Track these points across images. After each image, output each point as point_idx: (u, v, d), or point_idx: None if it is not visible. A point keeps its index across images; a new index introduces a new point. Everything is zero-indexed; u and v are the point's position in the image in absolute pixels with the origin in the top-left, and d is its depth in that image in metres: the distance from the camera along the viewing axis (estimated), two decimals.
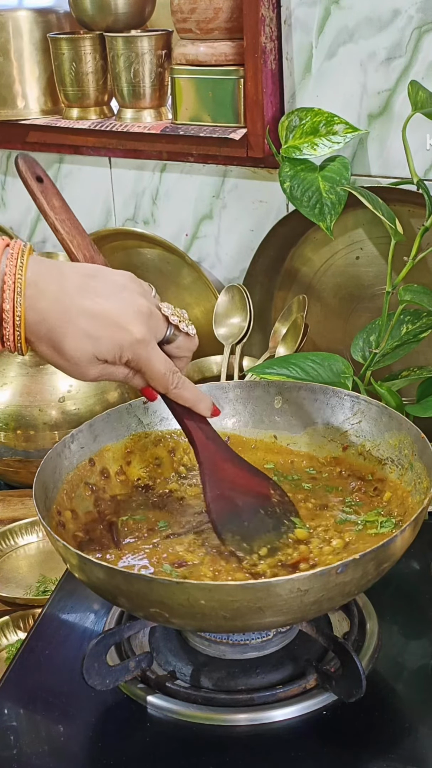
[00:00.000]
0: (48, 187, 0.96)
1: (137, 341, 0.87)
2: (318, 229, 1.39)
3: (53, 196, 0.96)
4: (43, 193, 0.95)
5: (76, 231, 0.96)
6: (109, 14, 1.49)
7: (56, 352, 0.86)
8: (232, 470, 0.99)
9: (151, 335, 0.89)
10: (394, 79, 1.32)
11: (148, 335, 0.88)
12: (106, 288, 0.87)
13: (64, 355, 0.86)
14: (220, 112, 1.42)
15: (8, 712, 0.95)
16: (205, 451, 0.98)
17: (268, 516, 0.98)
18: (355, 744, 0.89)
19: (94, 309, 0.86)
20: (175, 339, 0.92)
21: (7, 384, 1.44)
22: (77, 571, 0.89)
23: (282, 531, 0.97)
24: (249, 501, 0.98)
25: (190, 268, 1.55)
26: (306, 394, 1.13)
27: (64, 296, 0.85)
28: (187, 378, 0.95)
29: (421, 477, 0.99)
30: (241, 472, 1.00)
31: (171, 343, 0.92)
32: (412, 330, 1.28)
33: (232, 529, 0.96)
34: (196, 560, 0.94)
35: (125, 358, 0.88)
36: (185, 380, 0.94)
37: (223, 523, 0.96)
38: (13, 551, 1.36)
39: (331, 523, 0.99)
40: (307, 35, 1.36)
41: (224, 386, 1.15)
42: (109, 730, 0.92)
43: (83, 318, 0.85)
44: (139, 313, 0.87)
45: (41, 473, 0.98)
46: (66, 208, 0.97)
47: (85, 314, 0.85)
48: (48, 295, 0.84)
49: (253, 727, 0.91)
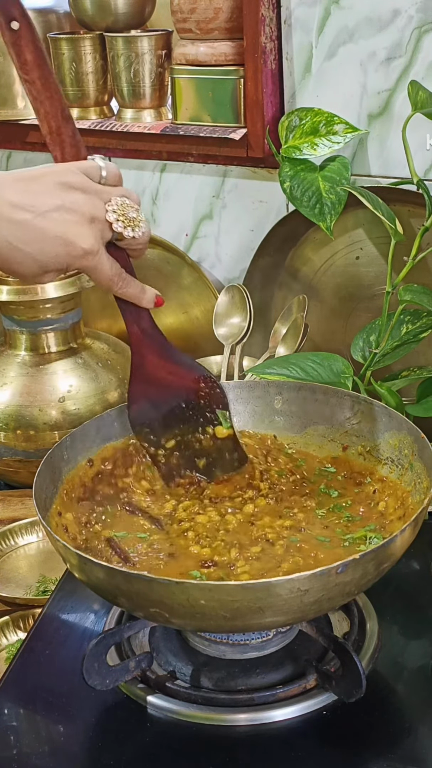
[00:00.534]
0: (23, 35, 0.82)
1: (84, 253, 0.86)
2: (318, 229, 1.39)
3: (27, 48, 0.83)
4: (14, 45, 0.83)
5: (45, 95, 0.85)
6: (109, 14, 1.49)
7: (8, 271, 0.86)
8: (161, 364, 0.99)
9: (98, 243, 0.87)
10: (394, 79, 1.32)
11: (94, 245, 0.87)
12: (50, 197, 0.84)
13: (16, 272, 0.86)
14: (220, 112, 1.42)
15: (8, 712, 0.95)
16: (137, 344, 0.98)
17: (189, 409, 0.99)
18: (355, 744, 0.89)
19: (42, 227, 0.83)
20: (123, 238, 0.91)
21: (7, 384, 1.44)
22: (77, 571, 0.89)
23: (200, 423, 0.98)
24: (170, 394, 0.99)
25: (190, 268, 1.55)
26: (306, 394, 1.13)
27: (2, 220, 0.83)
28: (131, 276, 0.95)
29: (421, 477, 0.99)
30: (171, 365, 1.00)
31: (121, 240, 0.91)
32: (412, 330, 1.28)
33: (144, 422, 0.98)
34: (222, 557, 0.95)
35: (74, 269, 0.88)
36: (129, 279, 0.94)
37: (137, 416, 0.98)
38: (13, 551, 1.36)
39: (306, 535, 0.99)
40: (307, 35, 1.36)
41: (224, 386, 1.15)
42: (109, 730, 0.92)
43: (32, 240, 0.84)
44: (82, 219, 0.85)
45: (41, 473, 0.98)
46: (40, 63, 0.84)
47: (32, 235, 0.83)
48: None
49: (253, 727, 0.91)
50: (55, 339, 1.46)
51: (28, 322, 1.43)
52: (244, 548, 0.96)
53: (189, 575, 0.92)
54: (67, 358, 1.45)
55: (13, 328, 1.45)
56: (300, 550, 0.95)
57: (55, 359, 1.46)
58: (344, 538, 0.97)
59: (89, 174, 0.88)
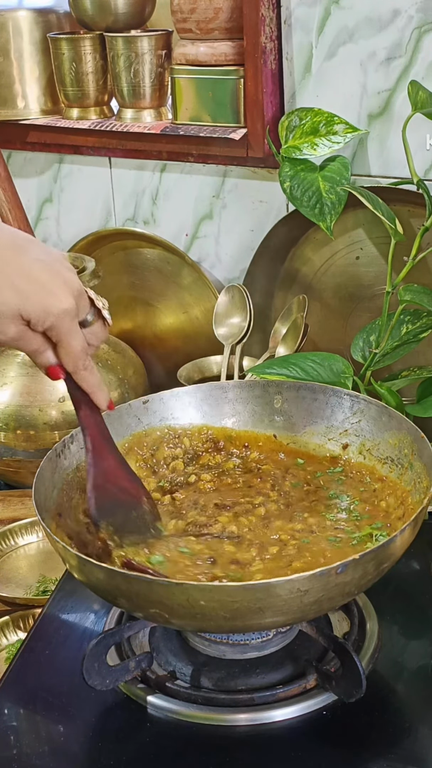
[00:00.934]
0: None
1: (65, 311, 0.86)
2: (318, 229, 1.39)
3: None
4: None
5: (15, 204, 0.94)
6: (109, 14, 1.49)
7: None
8: (115, 466, 0.99)
9: (76, 311, 0.88)
10: (394, 79, 1.32)
11: (75, 309, 0.87)
12: (41, 254, 0.87)
13: None
14: (220, 112, 1.42)
15: (8, 712, 0.95)
16: (95, 440, 0.97)
17: (139, 519, 0.98)
18: (355, 744, 0.89)
19: (29, 268, 0.85)
20: (93, 324, 0.92)
21: (7, 384, 1.44)
22: (77, 572, 0.89)
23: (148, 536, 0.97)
24: (125, 499, 0.98)
25: (190, 268, 1.55)
26: (306, 394, 1.13)
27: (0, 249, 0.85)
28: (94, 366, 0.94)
29: (420, 477, 0.99)
30: (122, 471, 0.99)
31: (87, 327, 0.91)
32: (412, 330, 1.28)
33: (108, 519, 0.96)
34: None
35: (48, 324, 0.86)
36: (94, 366, 0.93)
37: (101, 510, 0.96)
38: (13, 551, 1.36)
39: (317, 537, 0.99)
40: (307, 35, 1.36)
41: (224, 386, 1.15)
42: (109, 730, 0.92)
43: (16, 273, 0.84)
44: (70, 285, 0.87)
45: (41, 473, 0.98)
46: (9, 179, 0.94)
47: (19, 270, 0.84)
48: None
49: (253, 727, 0.91)
50: None
51: None
52: (263, 548, 0.96)
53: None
54: None
55: None
56: (310, 550, 0.95)
57: None
58: (352, 536, 0.97)
59: None
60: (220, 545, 0.97)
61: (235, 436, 1.14)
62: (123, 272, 1.62)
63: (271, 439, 1.14)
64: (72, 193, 1.67)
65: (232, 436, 1.14)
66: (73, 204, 1.68)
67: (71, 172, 1.66)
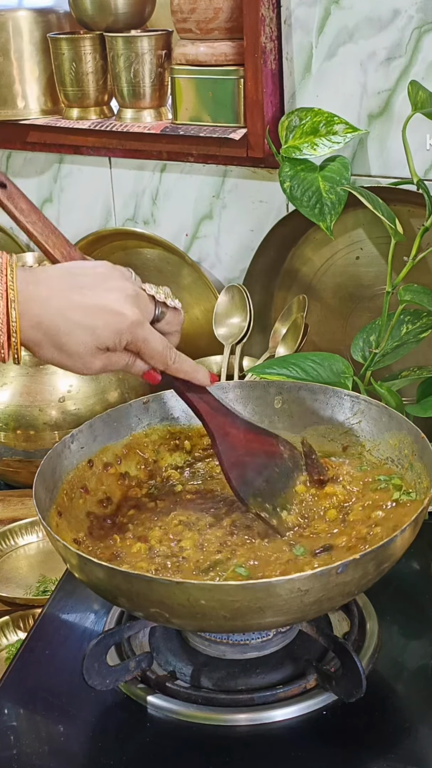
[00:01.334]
0: (13, 191, 0.97)
1: (133, 323, 0.89)
2: (318, 229, 1.39)
3: (20, 199, 0.97)
4: (9, 199, 0.97)
5: (49, 230, 0.97)
6: (109, 14, 1.49)
7: (58, 351, 0.89)
8: (241, 434, 1.01)
9: (144, 316, 0.91)
10: (394, 79, 1.32)
11: (141, 316, 0.90)
12: (91, 280, 0.90)
13: (67, 351, 0.88)
14: (220, 112, 1.42)
15: (8, 712, 0.95)
16: (212, 420, 1.00)
17: (283, 473, 1.01)
18: (355, 744, 0.89)
19: (86, 302, 0.88)
20: (164, 316, 0.94)
21: (7, 384, 1.44)
22: (77, 571, 0.89)
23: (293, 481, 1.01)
24: (263, 462, 1.01)
25: (190, 268, 1.55)
26: (306, 394, 1.13)
27: (55, 296, 0.88)
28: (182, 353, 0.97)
29: (421, 477, 0.99)
30: (249, 434, 1.02)
31: (161, 320, 0.94)
32: (412, 330, 1.28)
33: (254, 493, 0.99)
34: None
35: (124, 342, 0.90)
36: (181, 354, 0.96)
37: (243, 488, 0.98)
38: (13, 551, 1.36)
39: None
40: (307, 35, 1.36)
41: (224, 386, 1.15)
42: (109, 730, 0.92)
43: (77, 312, 0.88)
44: (127, 296, 0.89)
45: (41, 473, 0.98)
46: (35, 209, 0.98)
47: (78, 308, 0.88)
48: (39, 299, 0.87)
49: (253, 727, 0.91)
50: None
51: None
52: None
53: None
54: None
55: None
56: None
57: None
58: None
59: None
60: None
61: None
62: None
63: None
64: (72, 193, 1.67)
65: None
66: (73, 204, 1.68)
67: (71, 172, 1.66)
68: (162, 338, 0.93)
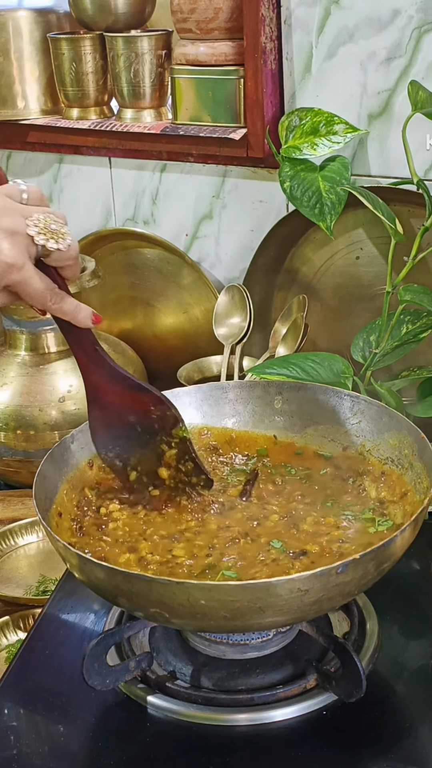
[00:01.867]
0: None
1: (8, 266, 0.86)
2: (318, 229, 1.39)
3: None
4: None
5: None
6: (109, 14, 1.49)
7: None
8: (114, 389, 1.00)
9: (23, 257, 0.87)
10: (394, 79, 1.32)
11: (19, 258, 0.87)
12: None
13: None
14: (220, 112, 1.42)
15: (8, 712, 0.95)
16: (85, 371, 1.00)
17: (144, 432, 1.01)
18: (355, 744, 0.89)
19: None
20: (50, 253, 0.90)
21: (7, 384, 1.44)
22: (77, 571, 0.89)
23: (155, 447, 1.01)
24: (127, 419, 1.01)
25: (190, 268, 1.55)
26: (306, 394, 1.13)
27: None
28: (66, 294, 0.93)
29: (421, 477, 0.99)
30: (122, 390, 1.00)
31: (48, 257, 0.90)
32: (412, 330, 1.28)
33: (107, 447, 1.02)
34: None
35: (2, 285, 0.87)
36: (64, 295, 0.93)
37: (100, 441, 1.02)
38: (13, 551, 1.36)
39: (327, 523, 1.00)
40: (307, 35, 1.36)
41: (224, 386, 1.15)
42: (109, 730, 0.92)
43: None
44: (2, 236, 0.85)
45: (41, 473, 0.98)
46: None
47: None
48: None
49: (253, 727, 0.91)
50: (55, 339, 1.46)
51: (28, 322, 1.44)
52: None
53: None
54: (67, 358, 1.45)
55: (13, 328, 1.45)
56: None
57: (55, 359, 1.46)
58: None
59: (10, 195, 0.90)
60: None
61: (235, 437, 1.14)
62: (123, 272, 1.62)
63: (272, 440, 1.14)
64: (72, 193, 1.67)
65: (232, 437, 1.14)
66: (73, 204, 1.68)
67: (71, 172, 1.66)
68: (42, 279, 0.89)
